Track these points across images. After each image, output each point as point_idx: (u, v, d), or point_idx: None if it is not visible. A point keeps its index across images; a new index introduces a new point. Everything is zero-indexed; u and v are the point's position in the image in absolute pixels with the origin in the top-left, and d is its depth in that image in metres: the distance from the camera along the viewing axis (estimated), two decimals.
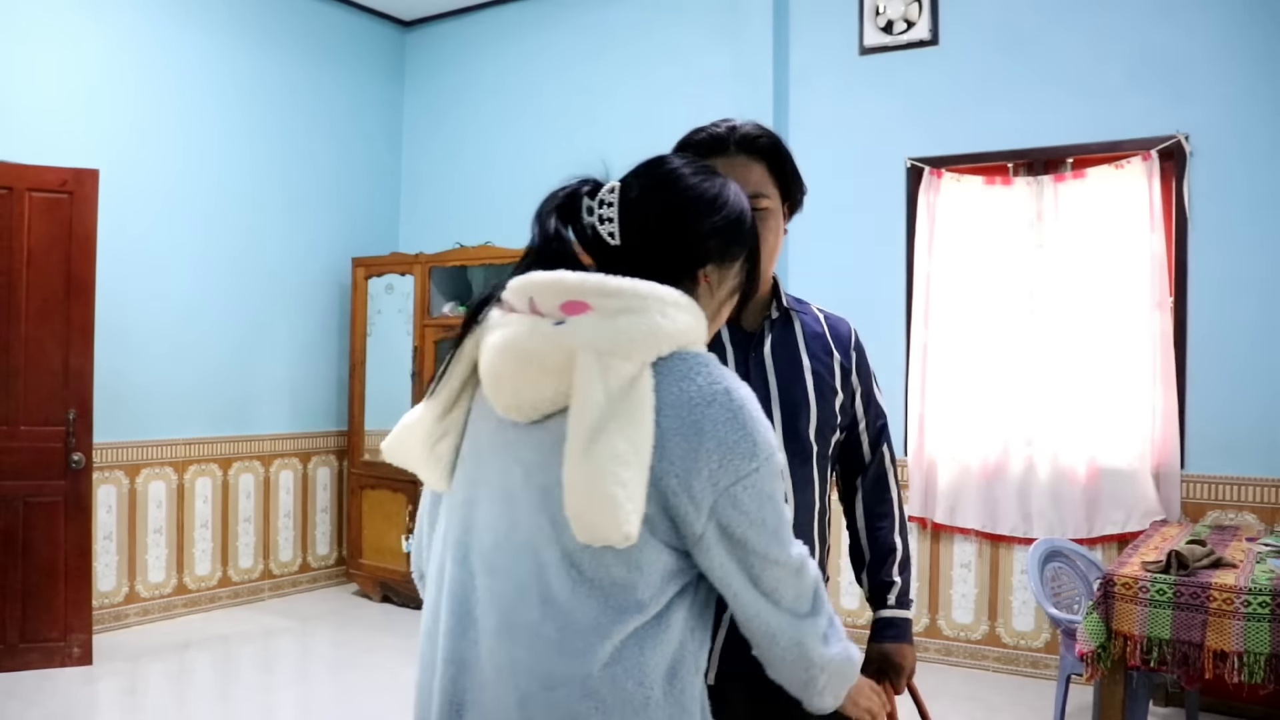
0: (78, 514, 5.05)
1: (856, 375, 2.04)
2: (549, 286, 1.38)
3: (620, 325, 1.33)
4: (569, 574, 1.34)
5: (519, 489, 1.39)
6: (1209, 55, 4.77)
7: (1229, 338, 4.73)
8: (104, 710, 4.59)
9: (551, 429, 1.37)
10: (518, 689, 1.35)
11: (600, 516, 1.26)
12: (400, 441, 1.53)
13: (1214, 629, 3.21)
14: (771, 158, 1.90)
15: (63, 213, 5.00)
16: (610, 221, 1.45)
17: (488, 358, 1.42)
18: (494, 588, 1.39)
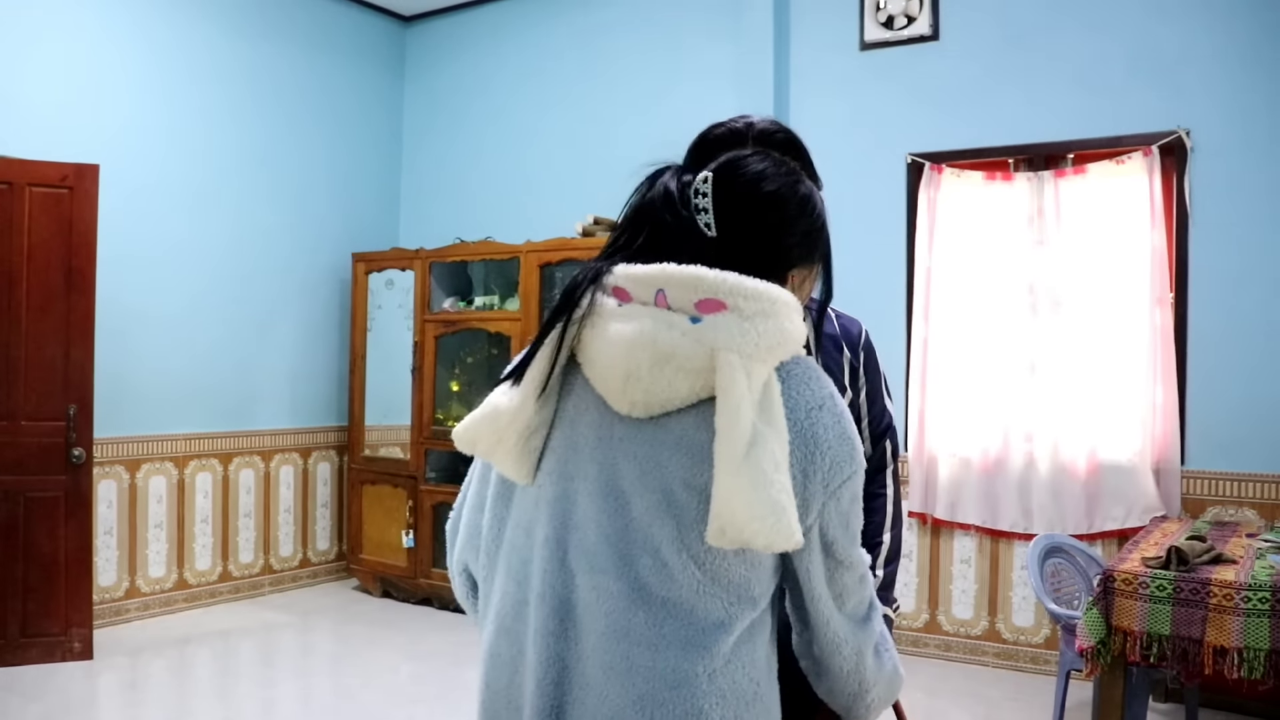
0: (78, 509, 5.05)
1: (864, 374, 2.10)
2: (686, 281, 1.33)
3: (759, 328, 1.31)
4: (693, 573, 1.32)
5: (632, 487, 1.35)
6: (1210, 51, 4.77)
7: (1229, 333, 4.73)
8: (104, 705, 4.60)
9: (672, 428, 1.34)
10: (634, 688, 1.32)
11: (762, 524, 1.23)
12: (487, 431, 1.44)
13: (1214, 625, 3.21)
14: (787, 154, 1.90)
15: (63, 208, 5.00)
16: (706, 212, 1.40)
17: (613, 351, 1.35)
18: (603, 586, 1.35)
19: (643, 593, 1.33)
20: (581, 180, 6.55)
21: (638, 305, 1.36)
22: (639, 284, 1.37)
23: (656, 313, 1.34)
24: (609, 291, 1.40)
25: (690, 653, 1.32)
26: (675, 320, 1.32)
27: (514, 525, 1.47)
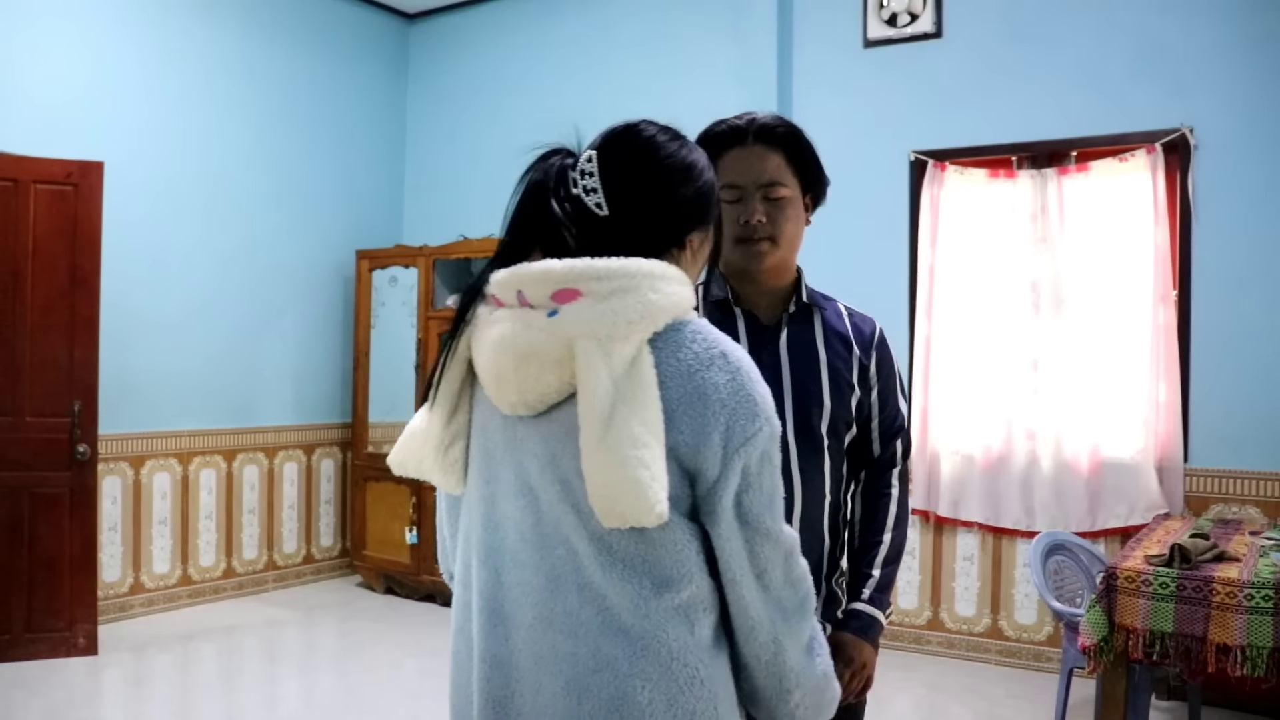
0: (83, 505, 5.06)
1: (876, 374, 2.04)
2: (537, 277, 1.37)
3: (614, 307, 1.32)
4: (601, 558, 1.35)
5: (537, 482, 1.40)
6: (1214, 48, 4.77)
7: (1233, 331, 4.73)
8: (109, 700, 4.61)
9: (560, 419, 1.37)
10: (562, 675, 1.37)
11: (627, 501, 1.27)
12: (410, 453, 1.54)
13: (1217, 623, 3.22)
14: (790, 147, 1.93)
15: (68, 205, 5.01)
16: (595, 192, 1.43)
17: (486, 357, 1.42)
18: (526, 580, 1.41)
19: (559, 582, 1.38)
20: None
21: (505, 309, 1.41)
22: (502, 288, 1.42)
23: (518, 313, 1.38)
24: (489, 301, 1.45)
25: (609, 637, 1.35)
26: (533, 318, 1.36)
27: (460, 532, 1.55)
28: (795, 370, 1.94)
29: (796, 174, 1.93)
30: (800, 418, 1.92)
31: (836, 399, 1.96)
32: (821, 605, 1.96)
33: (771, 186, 1.89)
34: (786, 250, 1.94)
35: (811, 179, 1.96)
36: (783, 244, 1.92)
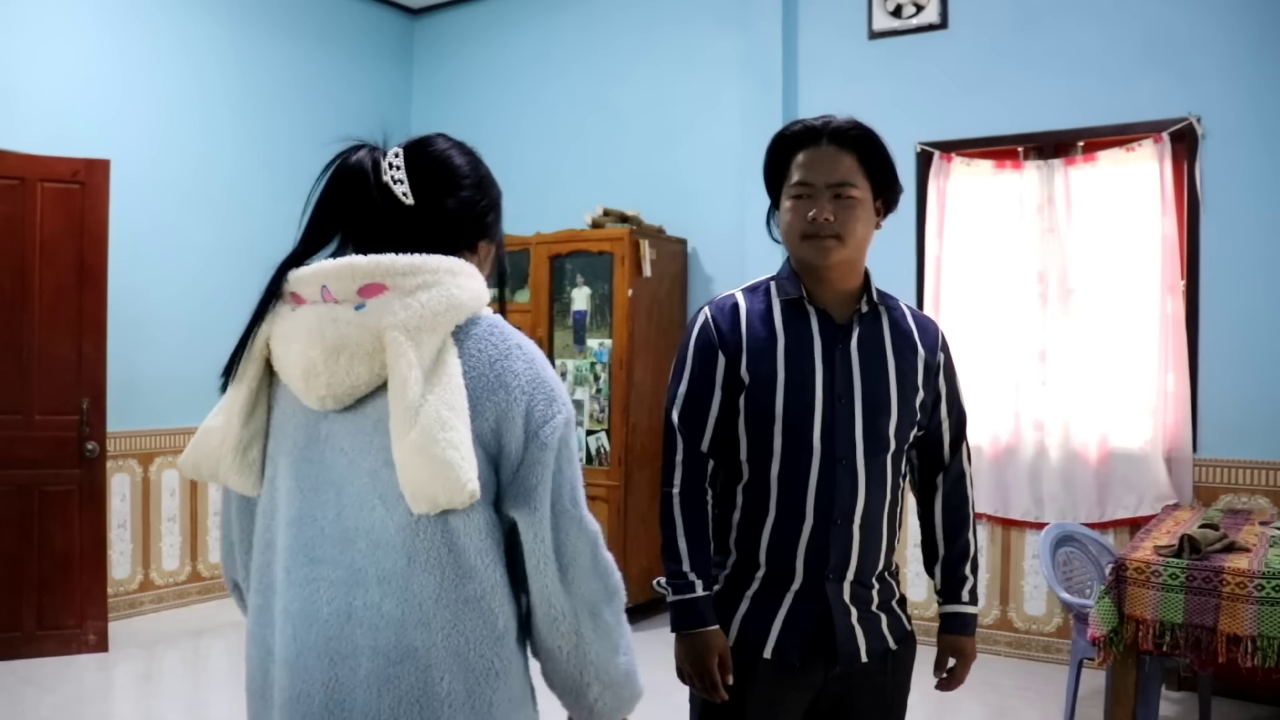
0: (92, 502, 5.08)
1: (943, 376, 2.10)
2: (342, 273, 1.40)
3: (421, 300, 1.38)
4: (404, 550, 1.38)
5: (343, 476, 1.42)
6: (1221, 36, 4.74)
7: (1241, 321, 4.71)
8: (120, 697, 4.62)
9: (368, 412, 1.41)
10: (362, 669, 1.38)
11: (439, 482, 1.30)
12: (205, 455, 1.51)
13: (1227, 613, 3.21)
14: (862, 149, 1.97)
15: (74, 203, 5.02)
16: (402, 183, 1.50)
17: (293, 353, 1.43)
18: (323, 577, 1.42)
19: (360, 576, 1.40)
20: (590, 171, 6.55)
21: (308, 306, 1.43)
22: (303, 284, 1.44)
23: (322, 309, 1.41)
24: (287, 299, 1.47)
25: (410, 628, 1.37)
26: (340, 312, 1.39)
27: (257, 536, 1.52)
28: (865, 370, 1.99)
29: (868, 176, 1.97)
30: (869, 420, 1.97)
31: (902, 400, 2.01)
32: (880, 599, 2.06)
33: (842, 186, 1.94)
34: (854, 250, 1.98)
35: (884, 183, 2.00)
36: (850, 243, 1.96)
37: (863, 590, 2.02)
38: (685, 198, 6.04)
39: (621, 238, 5.66)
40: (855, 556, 1.99)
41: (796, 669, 1.98)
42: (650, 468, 5.76)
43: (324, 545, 1.42)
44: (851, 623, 2.00)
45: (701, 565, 2.01)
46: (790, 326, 2.01)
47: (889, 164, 2.01)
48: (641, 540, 5.68)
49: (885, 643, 2.05)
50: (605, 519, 5.65)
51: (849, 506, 1.97)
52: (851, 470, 1.97)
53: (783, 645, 1.97)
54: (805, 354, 1.99)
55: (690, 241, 6.16)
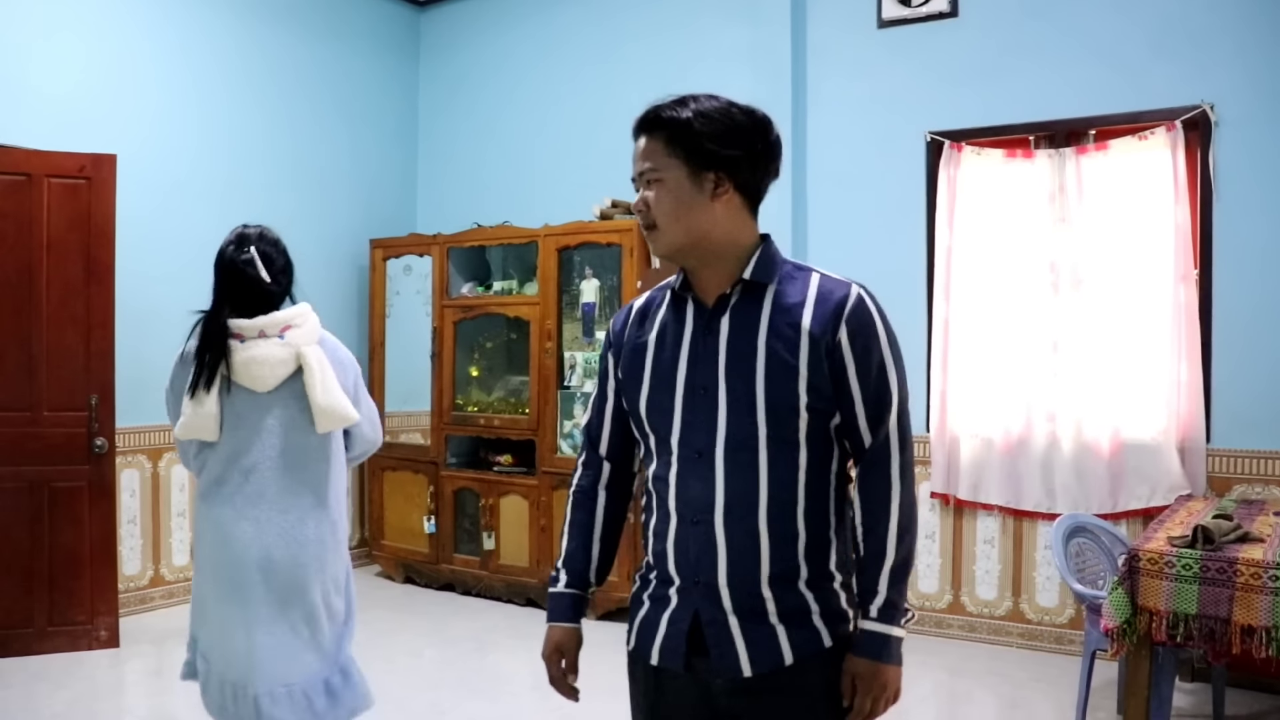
0: (102, 498, 5.08)
1: (847, 350, 1.80)
2: (274, 322, 2.93)
3: (308, 329, 2.97)
4: (314, 456, 2.97)
5: (278, 421, 2.93)
6: (1234, 23, 4.71)
7: (1255, 310, 4.68)
8: (131, 692, 4.63)
9: (286, 389, 2.93)
10: (289, 530, 2.91)
11: (340, 413, 2.93)
12: (198, 425, 2.91)
13: (1241, 604, 3.19)
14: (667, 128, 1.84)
15: (81, 198, 5.01)
16: (262, 270, 3.00)
17: (250, 367, 2.89)
18: (274, 479, 2.92)
19: (296, 474, 2.94)
20: (599, 163, 6.52)
21: (251, 340, 2.89)
22: (249, 329, 2.90)
23: (263, 341, 2.90)
24: (232, 335, 2.90)
25: (310, 504, 2.95)
26: (274, 342, 2.90)
27: (221, 460, 2.94)
28: (731, 357, 1.83)
29: (680, 153, 1.82)
30: (733, 407, 1.82)
31: (772, 384, 1.80)
32: (783, 608, 1.83)
33: (646, 174, 1.86)
34: (682, 233, 1.84)
35: (703, 154, 1.82)
36: (670, 227, 1.84)
37: (749, 598, 1.82)
38: None
39: (630, 229, 5.64)
40: (723, 559, 1.82)
41: (683, 676, 1.89)
42: None
43: (271, 463, 2.92)
44: (729, 631, 1.83)
45: (572, 561, 2.07)
46: (667, 320, 1.94)
47: (704, 132, 1.82)
48: None
49: (780, 658, 1.82)
50: None
51: (705, 504, 1.83)
52: (709, 465, 1.83)
53: (665, 650, 1.89)
54: (674, 346, 1.90)
55: None
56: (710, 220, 1.84)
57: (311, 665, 2.97)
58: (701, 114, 1.83)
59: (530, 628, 5.59)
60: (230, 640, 2.90)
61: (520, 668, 5.00)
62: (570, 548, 2.08)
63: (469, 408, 6.35)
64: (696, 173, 1.83)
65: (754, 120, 1.87)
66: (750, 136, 1.85)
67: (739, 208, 1.87)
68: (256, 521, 2.85)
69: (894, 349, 1.86)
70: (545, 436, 5.93)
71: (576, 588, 2.06)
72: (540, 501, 5.92)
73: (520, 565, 6.01)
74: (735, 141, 1.83)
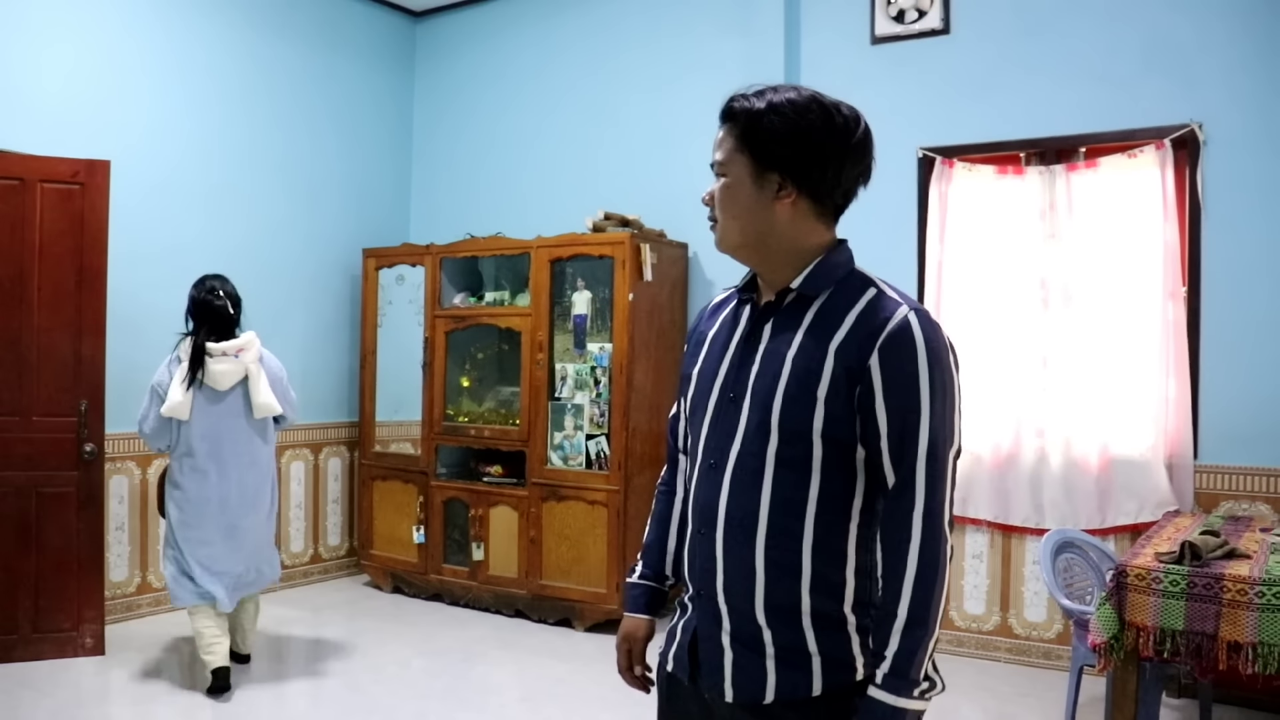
0: (90, 504, 5.07)
1: (876, 375, 1.64)
2: (232, 346, 4.62)
3: (253, 351, 4.71)
4: (258, 438, 4.79)
5: (235, 408, 4.68)
6: (1222, 43, 4.75)
7: (1242, 327, 4.70)
8: (116, 700, 4.61)
9: (238, 390, 4.68)
10: (249, 492, 4.75)
11: (270, 407, 4.75)
12: (180, 409, 4.52)
13: (1228, 620, 3.20)
14: (743, 123, 1.76)
15: (74, 204, 5.01)
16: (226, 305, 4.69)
17: (216, 375, 4.57)
18: (238, 453, 4.70)
19: (248, 453, 4.75)
20: (592, 175, 6.55)
21: (218, 356, 4.58)
22: (216, 350, 4.58)
23: (228, 358, 4.61)
24: (210, 354, 4.58)
25: (263, 471, 4.83)
26: (232, 359, 4.63)
27: (196, 434, 4.60)
28: (762, 366, 1.74)
29: (747, 150, 1.74)
30: (755, 415, 1.72)
31: (789, 403, 1.68)
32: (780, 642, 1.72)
33: (717, 165, 1.79)
34: (733, 231, 1.78)
35: (768, 154, 1.72)
36: (723, 223, 1.78)
37: (746, 623, 1.73)
38: (687, 202, 6.02)
39: (623, 241, 5.65)
40: (721, 575, 1.74)
41: (686, 686, 1.85)
42: (649, 472, 5.75)
43: (234, 440, 4.68)
44: (721, 652, 1.76)
45: (649, 553, 2.07)
46: (728, 319, 1.87)
47: (772, 130, 1.72)
48: (640, 544, 5.65)
49: (762, 693, 1.71)
50: (605, 523, 5.64)
51: (710, 516, 1.76)
52: (720, 476, 1.75)
53: (676, 658, 1.87)
54: (723, 349, 1.83)
55: (691, 246, 6.15)
56: (769, 222, 1.75)
57: (264, 550, 4.91)
58: (775, 109, 1.73)
59: (518, 639, 5.58)
60: (211, 544, 4.67)
61: (508, 679, 4.99)
62: (649, 540, 2.07)
63: (460, 418, 6.35)
64: (760, 172, 1.74)
65: (832, 121, 1.74)
66: (823, 138, 1.73)
67: (806, 212, 1.76)
68: (220, 472, 4.66)
69: (937, 382, 1.66)
70: (535, 448, 5.93)
71: (652, 580, 2.05)
72: (530, 513, 5.92)
73: (509, 576, 6.01)
74: (803, 143, 1.72)
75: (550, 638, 5.63)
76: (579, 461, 5.83)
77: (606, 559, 5.66)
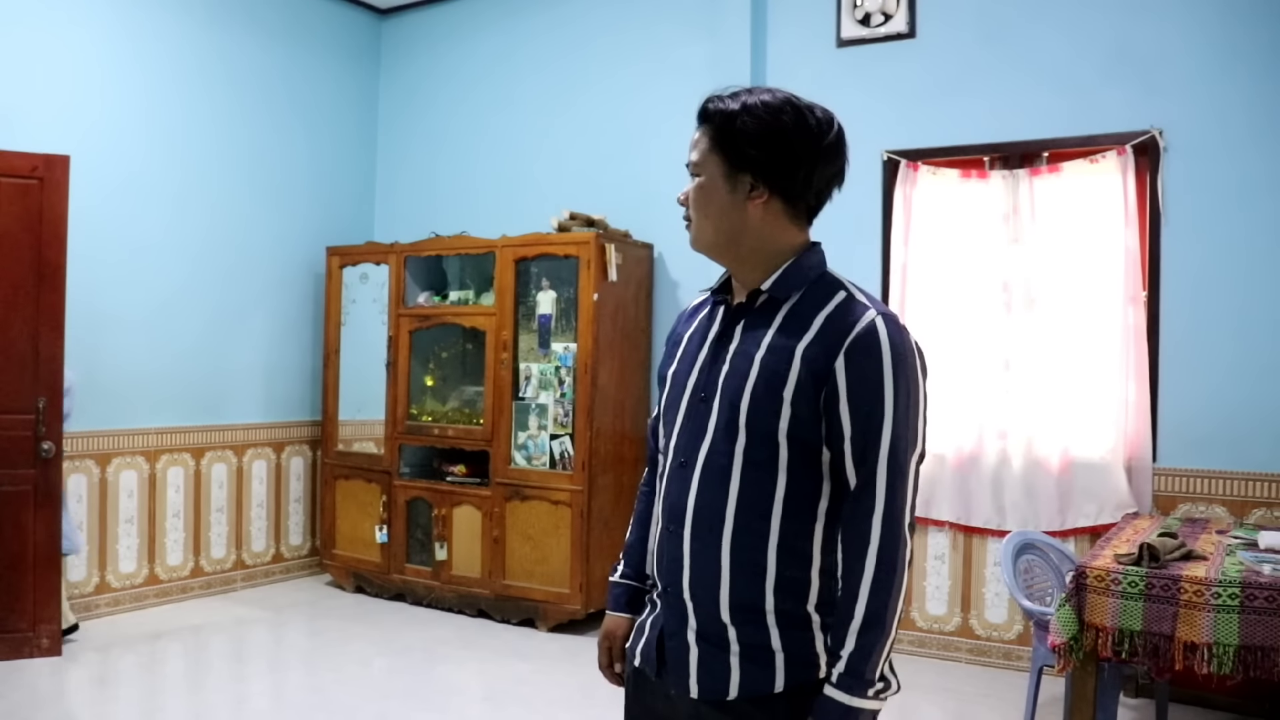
0: (47, 503, 4.99)
1: (841, 377, 1.66)
2: None
3: None
4: None
5: None
6: (1184, 51, 4.80)
7: (1201, 332, 4.76)
8: (74, 701, 4.55)
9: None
10: None
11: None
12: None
13: (1184, 621, 3.24)
14: (716, 124, 1.79)
15: (33, 199, 4.94)
16: None
17: None
18: None
19: None
20: (557, 175, 6.53)
21: None
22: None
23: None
24: None
25: None
26: None
27: None
28: (732, 367, 1.75)
29: (720, 151, 1.76)
30: (724, 415, 1.74)
31: (756, 404, 1.70)
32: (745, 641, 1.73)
33: (693, 165, 1.81)
34: (706, 231, 1.80)
35: (741, 155, 1.74)
36: (698, 222, 1.80)
37: (711, 621, 1.75)
38: (652, 202, 6.03)
39: (588, 241, 5.64)
40: (687, 572, 1.76)
41: (653, 681, 1.87)
42: (613, 472, 5.75)
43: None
44: (687, 648, 1.78)
45: (631, 553, 2.08)
46: (702, 321, 1.89)
47: (745, 132, 1.74)
48: (604, 544, 5.67)
49: (726, 690, 1.73)
50: (569, 523, 5.63)
51: (679, 513, 1.78)
52: (689, 475, 1.77)
53: (644, 653, 1.89)
54: (697, 350, 1.85)
55: (657, 246, 6.15)
56: (742, 223, 1.77)
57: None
58: (748, 110, 1.75)
59: (481, 639, 5.56)
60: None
61: (471, 679, 4.97)
62: (630, 540, 2.08)
63: (423, 417, 6.32)
64: (733, 173, 1.76)
65: (805, 122, 1.77)
66: (795, 140, 1.75)
67: (778, 213, 1.78)
68: None
69: (901, 387, 1.67)
70: (499, 447, 5.92)
71: (634, 579, 2.06)
72: (493, 513, 5.90)
73: (472, 576, 5.98)
74: (776, 145, 1.74)
75: (513, 638, 5.61)
76: (543, 461, 5.82)
77: (570, 559, 5.65)
